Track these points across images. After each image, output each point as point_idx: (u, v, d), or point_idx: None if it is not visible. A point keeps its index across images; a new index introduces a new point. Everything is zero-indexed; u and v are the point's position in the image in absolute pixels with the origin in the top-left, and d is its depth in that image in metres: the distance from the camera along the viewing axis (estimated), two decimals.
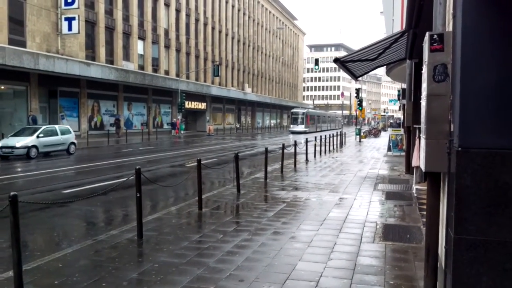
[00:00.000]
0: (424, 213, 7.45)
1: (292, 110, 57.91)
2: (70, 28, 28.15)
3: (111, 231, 6.57)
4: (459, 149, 3.07)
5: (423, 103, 4.02)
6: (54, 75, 27.09)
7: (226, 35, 56.29)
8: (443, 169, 3.68)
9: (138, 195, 6.11)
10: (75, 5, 28.12)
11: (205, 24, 50.87)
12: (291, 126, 55.83)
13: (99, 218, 8.36)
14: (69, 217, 8.21)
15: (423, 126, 3.99)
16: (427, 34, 3.76)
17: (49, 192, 10.66)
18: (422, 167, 3.98)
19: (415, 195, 9.67)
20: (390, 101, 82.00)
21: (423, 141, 3.97)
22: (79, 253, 5.52)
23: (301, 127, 54.22)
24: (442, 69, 3.72)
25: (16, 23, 26.02)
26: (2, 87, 26.01)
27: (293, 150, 16.10)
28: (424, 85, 3.99)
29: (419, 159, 8.49)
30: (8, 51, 22.92)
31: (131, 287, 4.44)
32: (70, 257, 5.34)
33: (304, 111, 56.80)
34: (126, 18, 36.70)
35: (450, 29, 3.74)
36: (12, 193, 4.15)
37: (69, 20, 28.05)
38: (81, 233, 7.13)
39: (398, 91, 34.59)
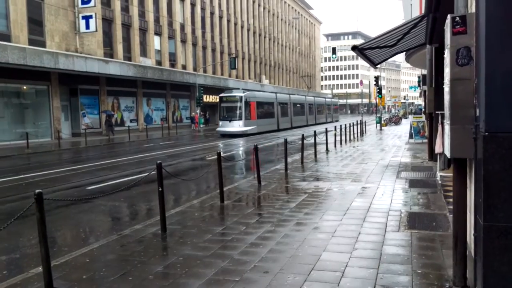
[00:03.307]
0: (450, 200, 7.32)
1: (221, 95, 33.54)
2: (87, 27, 28.52)
3: (135, 226, 6.65)
4: (486, 134, 2.99)
5: (447, 88, 3.92)
6: (74, 73, 27.51)
7: (242, 27, 56.11)
8: (470, 155, 3.60)
9: (160, 189, 6.16)
10: (92, 3, 28.44)
11: (221, 17, 50.80)
12: (220, 123, 32.01)
13: (123, 213, 8.48)
14: (94, 212, 8.35)
15: (447, 111, 3.89)
16: (448, 16, 3.66)
17: (73, 188, 10.85)
18: (448, 153, 3.89)
19: (440, 182, 9.51)
20: (410, 87, 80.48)
21: (447, 127, 3.88)
22: (105, 248, 5.60)
23: (237, 125, 31.00)
24: (466, 52, 3.62)
25: (35, 24, 26.47)
26: (25, 87, 26.56)
27: (312, 141, 16.00)
28: (447, 70, 3.89)
29: (443, 145, 8.31)
30: (28, 52, 23.36)
31: (157, 280, 4.48)
32: (97, 252, 5.43)
33: (242, 94, 31.99)
34: (142, 14, 36.91)
35: (473, 10, 3.63)
36: (37, 191, 4.22)
37: (86, 18, 28.40)
38: (106, 228, 7.24)
39: (419, 77, 33.95)
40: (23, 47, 23.32)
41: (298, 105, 45.70)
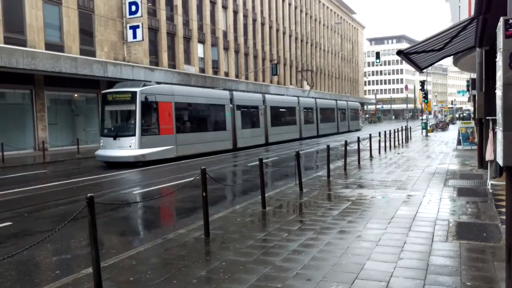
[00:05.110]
0: (502, 210, 6.99)
1: (104, 91, 19.79)
2: (134, 36, 29.48)
3: (179, 230, 6.78)
4: None
5: (499, 93, 3.77)
6: (121, 81, 28.49)
7: (284, 33, 56.22)
8: None
9: (204, 194, 6.25)
10: (139, 14, 29.39)
11: (263, 24, 51.14)
12: (102, 141, 18.17)
13: (168, 217, 8.67)
14: (140, 216, 8.59)
15: (499, 117, 3.74)
16: (501, 19, 3.53)
17: (121, 192, 11.21)
18: (500, 161, 3.73)
19: (491, 191, 9.10)
20: (458, 92, 77.55)
21: (500, 134, 3.72)
22: (150, 251, 5.75)
23: (127, 145, 17.34)
24: None
25: (86, 34, 27.67)
26: (76, 95, 27.81)
27: (356, 147, 15.75)
28: (499, 74, 3.74)
29: (495, 152, 7.94)
30: (80, 61, 24.46)
31: (200, 284, 4.55)
32: (143, 255, 5.57)
33: (138, 88, 17.80)
34: (186, 23, 37.77)
35: None
36: (89, 195, 4.39)
37: (134, 28, 29.37)
38: (151, 232, 7.43)
39: (467, 81, 32.75)
40: (75, 57, 24.45)
41: (283, 110, 31.55)
